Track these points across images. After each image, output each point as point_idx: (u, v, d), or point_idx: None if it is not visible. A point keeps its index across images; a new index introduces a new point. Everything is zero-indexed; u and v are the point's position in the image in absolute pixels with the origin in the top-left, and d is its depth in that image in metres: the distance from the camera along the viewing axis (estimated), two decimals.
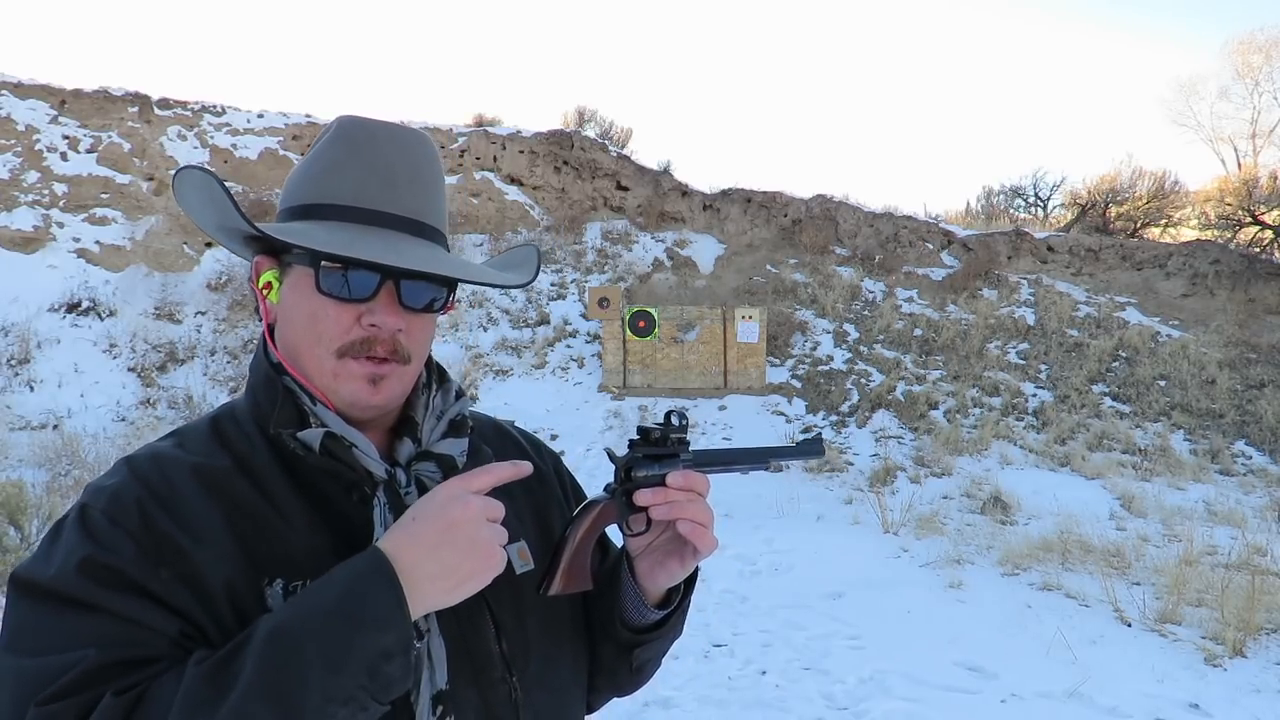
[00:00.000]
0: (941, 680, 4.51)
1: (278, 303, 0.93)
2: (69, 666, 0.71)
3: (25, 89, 14.78)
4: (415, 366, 0.94)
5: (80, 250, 13.47)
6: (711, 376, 13.22)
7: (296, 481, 0.88)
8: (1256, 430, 11.40)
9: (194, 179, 0.89)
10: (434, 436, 0.98)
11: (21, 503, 5.70)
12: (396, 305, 0.90)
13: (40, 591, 0.77)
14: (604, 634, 1.05)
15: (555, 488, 1.13)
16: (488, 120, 18.19)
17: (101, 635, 0.74)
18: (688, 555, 0.97)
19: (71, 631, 0.74)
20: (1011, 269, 16.20)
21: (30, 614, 0.76)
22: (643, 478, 0.97)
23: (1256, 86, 20.87)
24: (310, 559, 0.84)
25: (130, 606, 0.76)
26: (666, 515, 0.94)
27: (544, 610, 0.99)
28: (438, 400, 1.01)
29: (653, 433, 0.99)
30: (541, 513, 1.07)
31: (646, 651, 1.05)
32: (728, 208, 17.56)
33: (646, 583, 1.01)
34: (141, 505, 0.82)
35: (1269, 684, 4.57)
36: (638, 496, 0.95)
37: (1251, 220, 15.92)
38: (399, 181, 0.92)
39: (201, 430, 0.93)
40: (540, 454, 1.16)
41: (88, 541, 0.79)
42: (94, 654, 0.72)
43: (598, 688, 1.10)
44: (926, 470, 10.19)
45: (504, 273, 1.05)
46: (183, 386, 11.90)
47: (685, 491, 0.94)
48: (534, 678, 0.96)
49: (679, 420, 1.00)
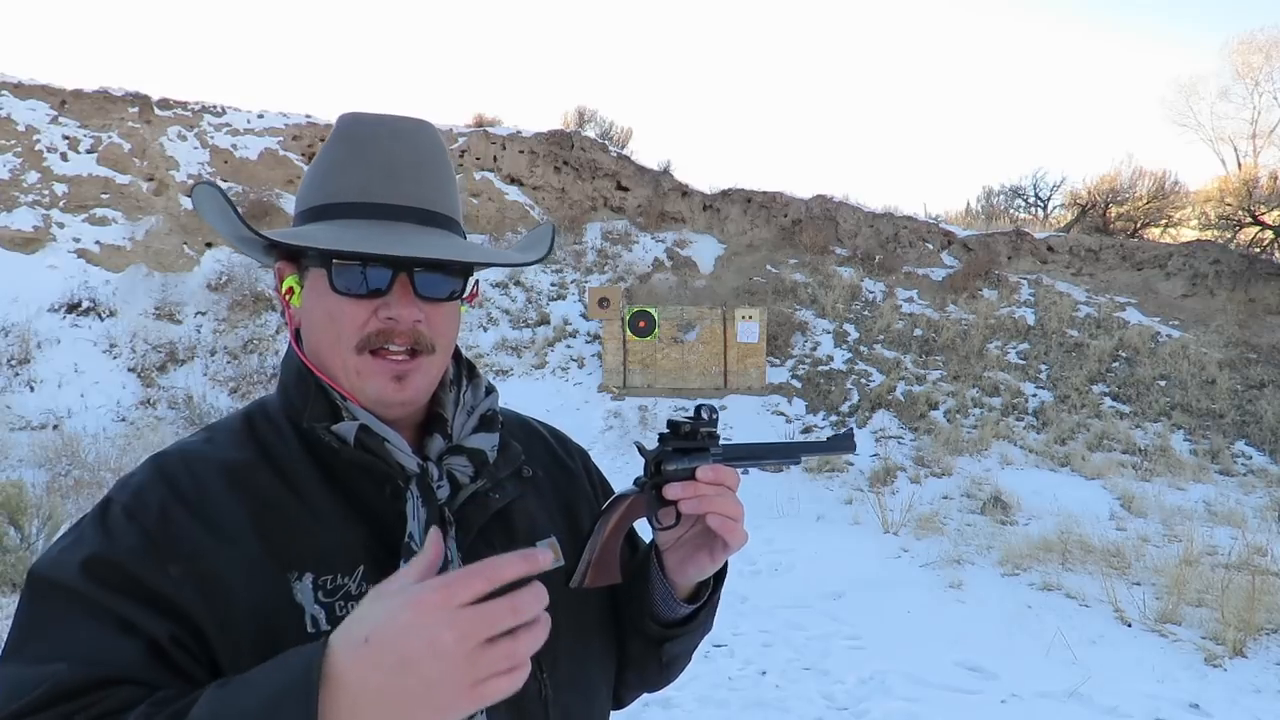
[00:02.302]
0: (941, 680, 4.51)
1: (300, 306, 0.94)
2: (39, 682, 0.72)
3: (25, 89, 14.78)
4: (441, 358, 0.94)
5: (80, 250, 13.46)
6: (711, 376, 13.22)
7: (328, 476, 0.89)
8: (1256, 430, 11.40)
9: (203, 194, 0.89)
10: (464, 431, 0.98)
11: (21, 503, 5.70)
12: (412, 297, 0.89)
13: (46, 587, 0.79)
14: (633, 629, 1.04)
15: (584, 484, 1.13)
16: (488, 120, 18.19)
17: (76, 648, 0.74)
18: (717, 549, 0.97)
19: (57, 636, 0.75)
20: (1011, 269, 16.20)
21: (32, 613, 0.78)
22: (672, 471, 0.96)
23: (1256, 86, 20.84)
24: (343, 553, 0.85)
25: (122, 607, 0.76)
26: (695, 509, 0.93)
27: (574, 607, 0.98)
28: (468, 395, 1.01)
29: (682, 426, 0.98)
30: (571, 508, 1.07)
31: (676, 646, 1.04)
32: (728, 208, 17.56)
33: (676, 577, 1.00)
34: (163, 502, 0.83)
35: (1269, 684, 4.57)
36: (667, 490, 0.94)
37: (1251, 220, 15.91)
38: (402, 172, 0.91)
39: (233, 426, 0.94)
40: (568, 450, 1.16)
41: (100, 538, 0.81)
42: (64, 670, 0.72)
43: (627, 683, 1.10)
44: (926, 470, 10.19)
45: (520, 253, 1.04)
46: (183, 387, 11.89)
47: (715, 485, 0.93)
48: (563, 676, 0.95)
49: (709, 414, 0.99)
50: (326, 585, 0.83)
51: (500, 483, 0.97)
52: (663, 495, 0.95)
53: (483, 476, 0.95)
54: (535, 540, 0.98)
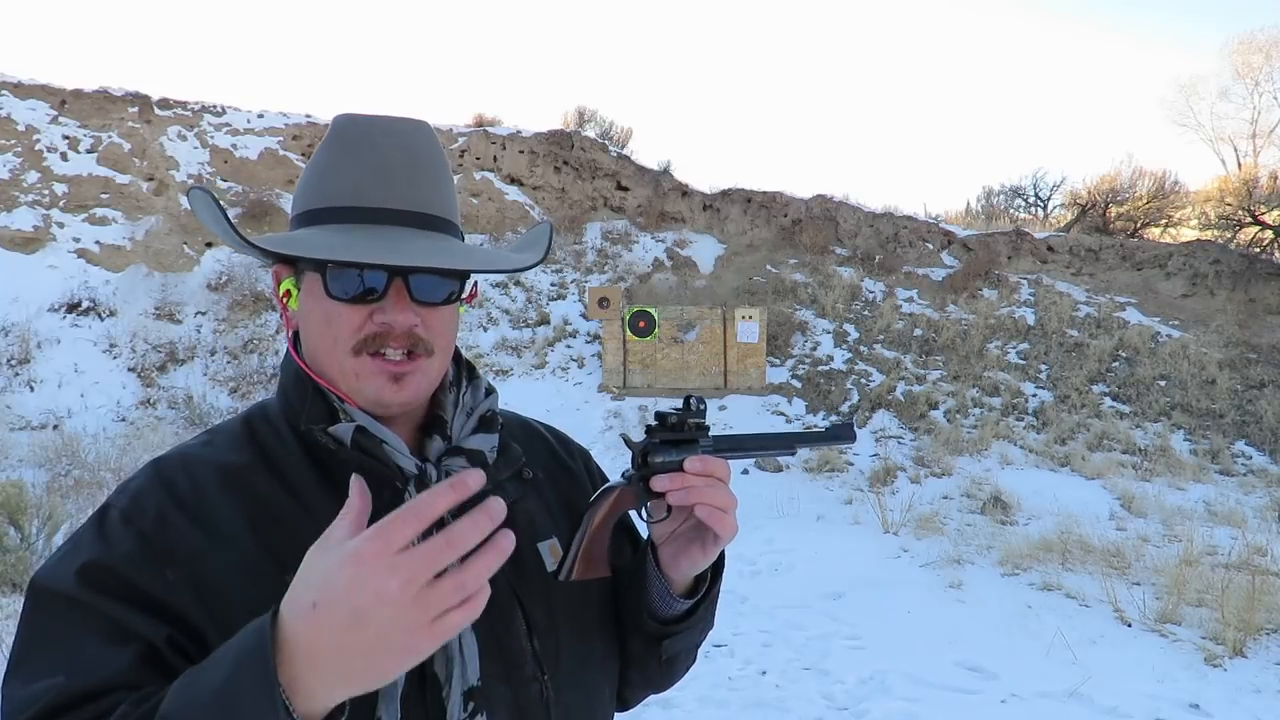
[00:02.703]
0: (941, 680, 4.51)
1: (297, 309, 0.94)
2: (39, 697, 0.73)
3: (25, 89, 14.78)
4: (440, 360, 0.94)
5: (80, 250, 13.47)
6: (711, 376, 13.23)
7: (326, 479, 0.89)
8: (1256, 430, 11.40)
9: (196, 199, 0.90)
10: (464, 433, 0.98)
11: (21, 503, 5.71)
12: (408, 301, 0.89)
13: (45, 596, 0.80)
14: (633, 626, 1.03)
15: (586, 484, 1.12)
16: (488, 120, 18.18)
17: (73, 658, 0.75)
18: (709, 542, 0.96)
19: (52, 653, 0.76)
20: (1011, 269, 16.20)
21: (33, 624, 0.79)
22: (659, 463, 0.95)
23: (1256, 86, 20.84)
24: None
25: (116, 611, 0.77)
26: (683, 501, 0.92)
27: (575, 607, 0.98)
28: (467, 397, 1.01)
29: (670, 418, 0.97)
30: (573, 508, 1.06)
31: (675, 644, 1.03)
32: (728, 208, 17.56)
33: (670, 571, 0.99)
34: (160, 505, 0.84)
35: (1269, 684, 4.57)
36: (654, 482, 0.93)
37: (1251, 220, 15.92)
38: (396, 175, 0.90)
39: (232, 429, 0.94)
40: (569, 451, 1.15)
41: (97, 543, 0.81)
42: (62, 681, 0.73)
43: (631, 682, 1.09)
44: (926, 470, 10.19)
45: (516, 255, 1.03)
46: (183, 387, 11.89)
47: (703, 476, 0.92)
48: (565, 676, 0.95)
49: (698, 405, 0.98)
50: None
51: (500, 484, 0.97)
52: (650, 487, 0.94)
53: None
54: (535, 542, 0.98)
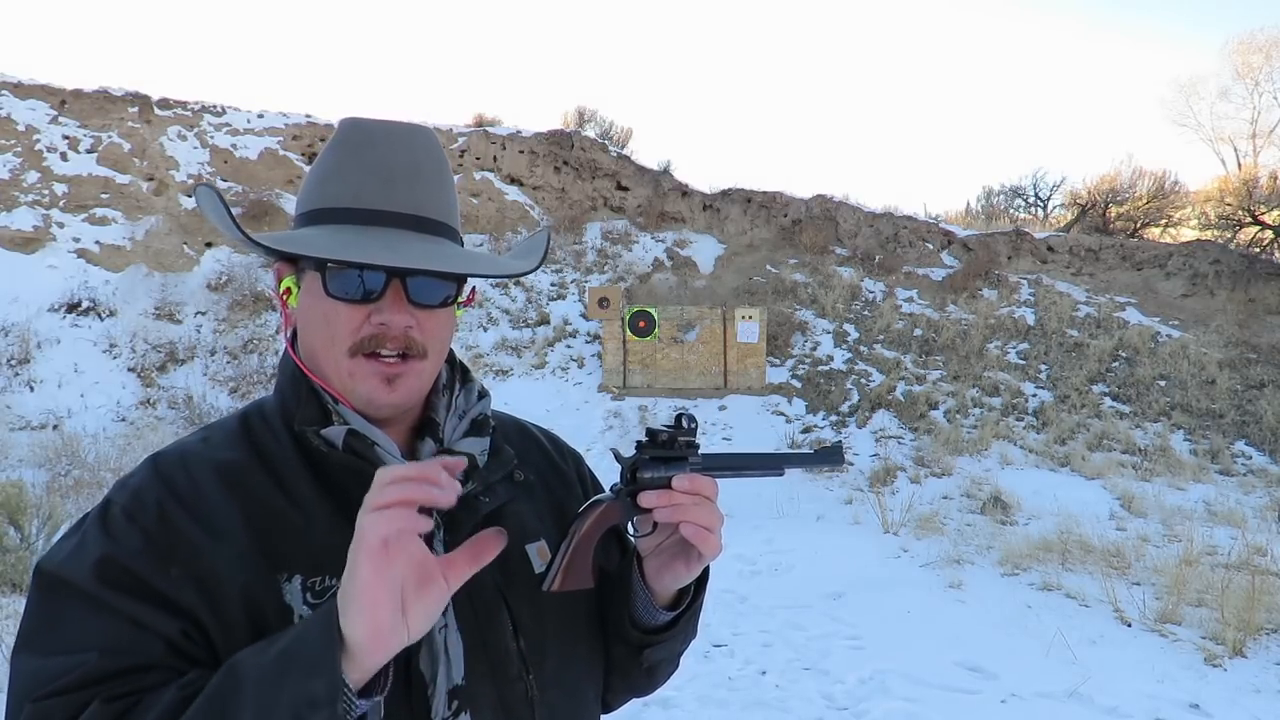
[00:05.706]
0: (941, 680, 4.51)
1: (297, 307, 0.95)
2: (70, 669, 0.75)
3: (25, 89, 14.78)
4: (434, 362, 0.95)
5: (80, 250, 13.47)
6: (711, 376, 13.22)
7: (320, 479, 0.90)
8: (1256, 430, 11.40)
9: (203, 196, 0.92)
10: (455, 435, 0.99)
11: (21, 503, 5.71)
12: (405, 303, 0.90)
13: (59, 586, 0.81)
14: (616, 633, 1.04)
15: (576, 488, 1.13)
16: (488, 120, 18.18)
17: (105, 639, 0.77)
18: (693, 558, 0.96)
19: (79, 631, 0.78)
20: (1011, 269, 16.20)
21: (46, 609, 0.80)
22: (648, 479, 0.95)
23: (1256, 86, 20.84)
24: (331, 556, 0.85)
25: (136, 609, 0.79)
26: (670, 518, 0.93)
27: (561, 609, 0.99)
28: (460, 400, 1.01)
29: (660, 435, 0.98)
30: (563, 511, 1.07)
31: (657, 653, 1.04)
32: (728, 208, 17.56)
33: (654, 584, 1.00)
34: (161, 503, 0.85)
35: (1269, 684, 4.57)
36: (642, 499, 0.94)
37: (1251, 220, 15.91)
38: (398, 179, 0.92)
39: (229, 426, 0.96)
40: (562, 454, 1.16)
41: (106, 539, 0.82)
42: (94, 658, 0.75)
43: (613, 687, 1.10)
44: (926, 470, 10.19)
45: (512, 261, 1.04)
46: (183, 387, 11.89)
47: (691, 495, 0.93)
48: (550, 676, 0.96)
49: (689, 423, 0.98)
50: (315, 587, 0.85)
51: (491, 486, 0.98)
52: (638, 503, 0.95)
53: (473, 480, 0.95)
54: (525, 543, 1.00)
